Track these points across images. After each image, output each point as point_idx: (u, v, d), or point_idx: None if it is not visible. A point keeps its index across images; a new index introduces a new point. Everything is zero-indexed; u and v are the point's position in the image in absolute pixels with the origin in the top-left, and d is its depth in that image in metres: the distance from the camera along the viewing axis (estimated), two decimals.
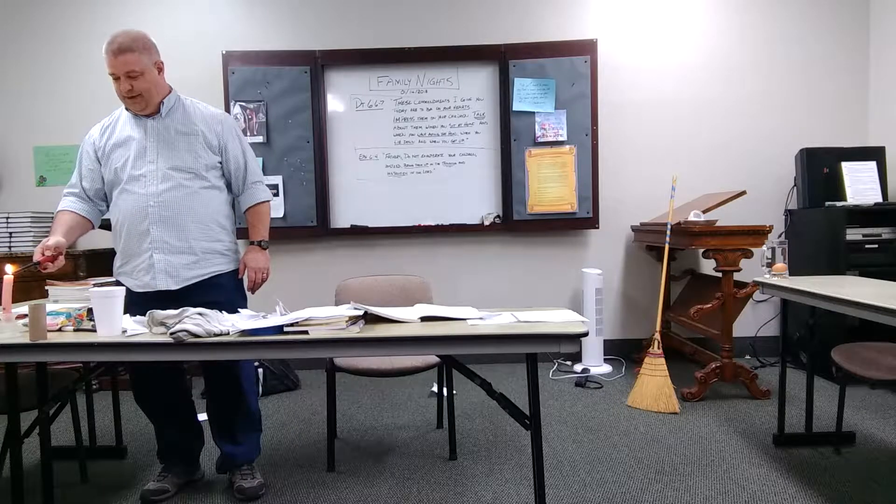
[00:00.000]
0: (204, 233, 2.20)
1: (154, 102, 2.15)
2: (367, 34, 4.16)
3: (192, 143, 2.18)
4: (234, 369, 2.28)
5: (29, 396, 1.97)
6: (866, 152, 3.83)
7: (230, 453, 2.33)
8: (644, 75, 4.18)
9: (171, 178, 2.15)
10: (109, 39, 2.05)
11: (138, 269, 2.17)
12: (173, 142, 2.17)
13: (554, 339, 1.64)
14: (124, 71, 2.05)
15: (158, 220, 2.13)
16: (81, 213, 2.23)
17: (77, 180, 2.25)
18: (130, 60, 2.04)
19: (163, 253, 2.14)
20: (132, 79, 2.06)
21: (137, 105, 2.13)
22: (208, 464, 2.56)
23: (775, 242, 2.63)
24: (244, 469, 2.31)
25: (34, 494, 2.13)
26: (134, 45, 2.05)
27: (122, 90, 2.08)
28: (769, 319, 4.22)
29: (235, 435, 2.33)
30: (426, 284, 2.90)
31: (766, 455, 2.54)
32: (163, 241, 2.14)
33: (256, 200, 2.32)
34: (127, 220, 2.16)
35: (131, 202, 2.15)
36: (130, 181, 2.15)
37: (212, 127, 2.23)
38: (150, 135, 2.16)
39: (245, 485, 2.24)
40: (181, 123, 2.20)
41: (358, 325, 1.76)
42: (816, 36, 4.14)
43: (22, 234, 3.94)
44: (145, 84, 2.09)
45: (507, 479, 2.37)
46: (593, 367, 3.90)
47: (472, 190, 4.17)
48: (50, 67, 4.20)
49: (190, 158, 2.17)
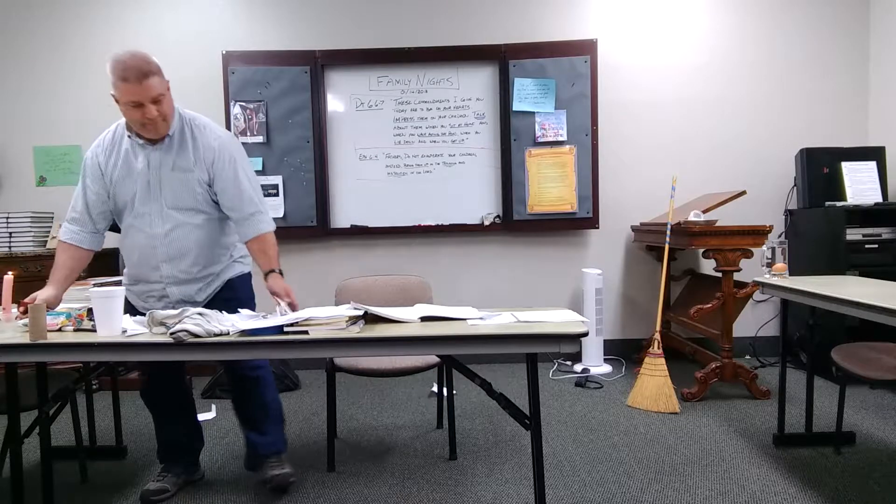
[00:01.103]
0: (212, 257, 2.22)
1: (171, 124, 2.09)
2: (367, 34, 4.16)
3: (189, 180, 2.12)
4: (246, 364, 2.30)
5: (29, 396, 1.96)
6: (866, 152, 3.83)
7: (257, 444, 2.32)
8: (644, 75, 4.18)
9: (174, 218, 2.14)
10: (122, 65, 1.95)
11: (150, 296, 2.20)
12: (173, 178, 2.11)
13: (554, 339, 1.64)
14: (150, 97, 1.96)
15: (167, 258, 2.15)
16: (84, 247, 2.20)
17: (83, 206, 2.20)
18: (155, 84, 1.96)
19: (176, 285, 2.18)
20: (157, 103, 1.98)
21: (159, 129, 2.05)
22: (208, 464, 2.56)
23: (775, 242, 2.63)
24: (273, 461, 2.31)
25: (34, 494, 2.12)
26: (152, 68, 1.97)
27: (146, 116, 1.98)
28: (769, 319, 4.22)
29: (259, 426, 2.33)
30: (426, 284, 2.90)
31: (766, 455, 2.54)
32: (174, 275, 2.17)
33: (257, 233, 2.16)
34: (137, 253, 2.19)
35: (140, 240, 2.16)
36: (137, 218, 2.15)
37: (204, 160, 2.13)
38: (152, 169, 2.11)
39: (275, 472, 2.25)
40: (180, 157, 2.12)
41: (358, 325, 1.76)
42: (816, 36, 4.14)
43: (22, 234, 3.94)
44: (168, 107, 2.04)
45: (507, 479, 2.37)
46: (593, 367, 3.90)
47: (472, 190, 4.17)
48: (50, 67, 4.20)
49: (189, 197, 2.13)
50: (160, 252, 2.15)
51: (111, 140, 2.18)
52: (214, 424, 3.08)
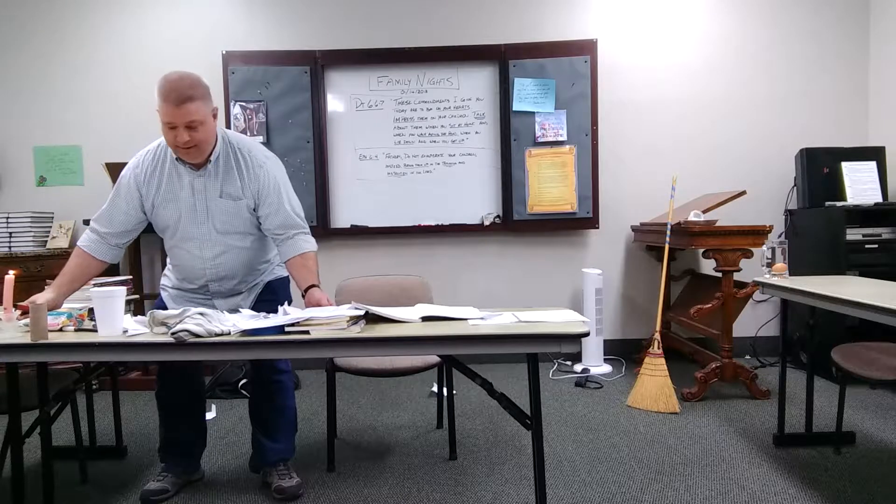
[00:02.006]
0: (255, 271, 2.28)
1: (207, 152, 2.05)
2: (367, 34, 4.16)
3: (239, 207, 2.13)
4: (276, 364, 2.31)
5: (29, 396, 1.96)
6: (866, 152, 3.84)
7: (267, 450, 2.32)
8: (644, 75, 4.18)
9: (222, 243, 2.16)
10: (167, 85, 1.91)
11: (196, 301, 2.21)
12: (221, 205, 2.12)
13: (555, 339, 1.64)
14: (185, 122, 1.92)
15: (215, 278, 2.22)
16: (98, 258, 2.15)
17: (108, 221, 2.15)
18: (192, 110, 1.91)
19: (222, 297, 2.25)
20: (191, 129, 1.93)
21: (191, 156, 2.02)
22: (208, 464, 2.56)
23: (775, 242, 2.63)
24: (280, 468, 2.30)
25: (35, 494, 2.12)
26: (195, 93, 1.92)
27: (179, 141, 1.94)
28: (769, 319, 4.22)
29: (272, 432, 2.33)
30: (426, 284, 2.90)
31: (766, 455, 2.54)
32: (220, 290, 2.24)
33: (299, 251, 2.14)
34: (183, 272, 2.24)
35: (187, 261, 2.20)
36: (184, 241, 2.17)
37: (250, 187, 2.12)
38: (197, 194, 2.10)
39: (284, 484, 2.24)
40: (227, 184, 2.10)
41: (359, 325, 1.76)
42: (816, 36, 4.14)
43: (22, 234, 3.94)
44: (204, 135, 1.97)
45: (507, 479, 2.37)
46: (593, 367, 3.90)
47: (472, 190, 4.17)
48: (50, 67, 4.20)
49: (237, 222, 2.15)
50: (208, 273, 2.20)
51: (152, 161, 2.13)
52: (214, 424, 3.08)
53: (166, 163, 2.12)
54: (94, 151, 4.19)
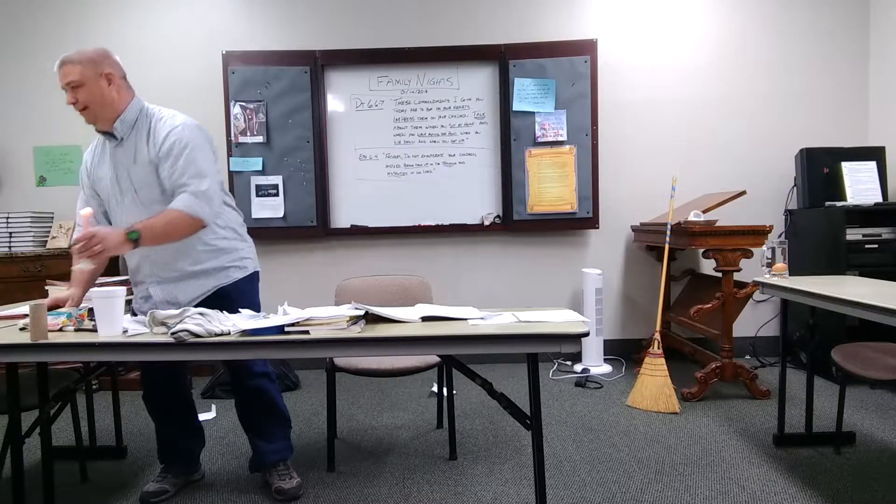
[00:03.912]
0: (191, 257, 2.16)
1: (104, 117, 2.10)
2: (367, 34, 4.16)
3: (148, 172, 2.10)
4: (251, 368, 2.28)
5: (29, 396, 1.96)
6: (866, 152, 3.83)
7: (263, 450, 2.32)
8: (644, 75, 4.18)
9: (144, 211, 2.10)
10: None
11: (139, 297, 2.23)
12: (132, 172, 2.12)
13: (555, 339, 1.64)
14: (65, 83, 2.08)
15: (143, 255, 2.16)
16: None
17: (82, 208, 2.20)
18: (68, 72, 2.07)
19: (158, 284, 2.19)
20: (74, 89, 2.08)
21: (87, 119, 2.13)
22: (208, 464, 2.56)
23: (775, 242, 2.63)
24: (280, 469, 2.30)
25: (35, 494, 2.12)
26: (76, 58, 2.06)
27: (68, 101, 2.11)
28: (769, 319, 4.22)
29: (265, 432, 2.32)
30: (426, 284, 2.90)
31: (766, 455, 2.54)
32: (154, 273, 2.19)
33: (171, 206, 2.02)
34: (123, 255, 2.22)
35: None
36: (115, 212, 2.19)
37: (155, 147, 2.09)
38: (115, 165, 2.14)
39: (284, 486, 2.24)
40: (139, 150, 2.11)
41: (359, 324, 1.76)
42: (816, 36, 4.14)
43: (22, 234, 3.94)
44: (88, 96, 2.08)
45: (507, 479, 2.37)
46: (593, 367, 3.90)
47: (472, 190, 4.17)
48: (49, 67, 4.16)
49: (153, 190, 2.11)
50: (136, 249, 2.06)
51: (95, 145, 2.24)
52: (214, 424, 3.08)
53: (99, 142, 2.23)
54: None
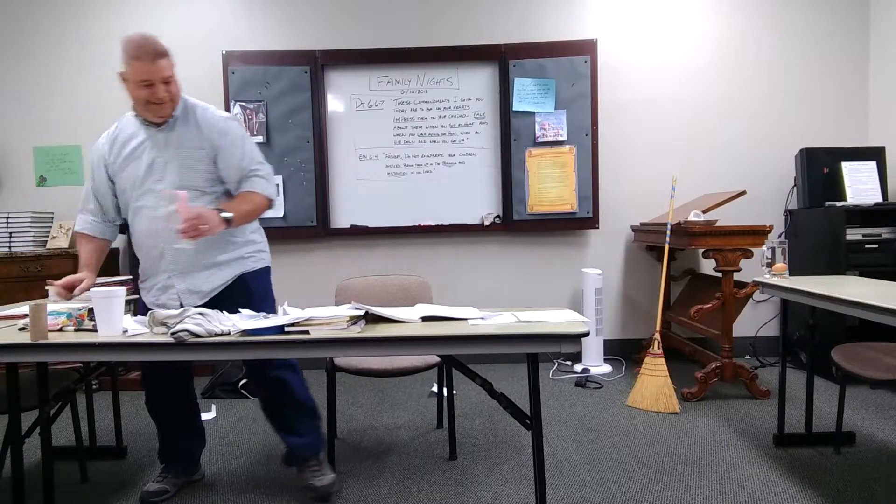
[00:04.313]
0: (217, 244, 2.18)
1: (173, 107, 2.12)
2: (367, 34, 4.16)
3: (196, 157, 2.13)
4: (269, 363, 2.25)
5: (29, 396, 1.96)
6: (866, 152, 3.84)
7: (294, 445, 2.29)
8: (644, 75, 4.18)
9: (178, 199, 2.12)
10: (135, 45, 1.98)
11: (156, 288, 2.19)
12: (178, 157, 2.12)
13: (555, 339, 1.64)
14: (161, 77, 2.00)
15: (171, 242, 2.14)
16: (98, 236, 2.26)
17: (90, 198, 2.24)
18: (165, 66, 2.01)
19: (180, 274, 2.17)
20: (167, 84, 2.03)
21: (164, 111, 2.08)
22: (208, 464, 2.56)
23: (775, 242, 2.63)
24: (312, 464, 2.27)
25: (35, 494, 2.12)
26: (164, 50, 2.01)
27: (155, 95, 2.02)
28: (769, 319, 4.22)
29: (291, 427, 2.29)
30: (426, 284, 2.90)
31: (766, 455, 2.54)
32: (178, 261, 2.16)
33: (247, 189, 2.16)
34: (143, 241, 2.19)
35: (145, 225, 2.16)
36: (142, 199, 2.15)
37: (210, 137, 2.14)
38: (157, 148, 2.12)
39: (316, 483, 2.22)
40: (186, 136, 2.13)
41: (359, 325, 1.76)
42: (816, 36, 4.14)
43: (22, 234, 3.94)
44: (176, 90, 2.08)
45: (507, 479, 2.37)
46: (593, 367, 3.90)
47: (472, 190, 4.17)
48: (49, 67, 4.20)
49: (195, 176, 2.13)
50: (164, 235, 2.12)
51: (114, 130, 2.20)
52: (214, 424, 3.08)
53: (128, 127, 2.17)
54: None
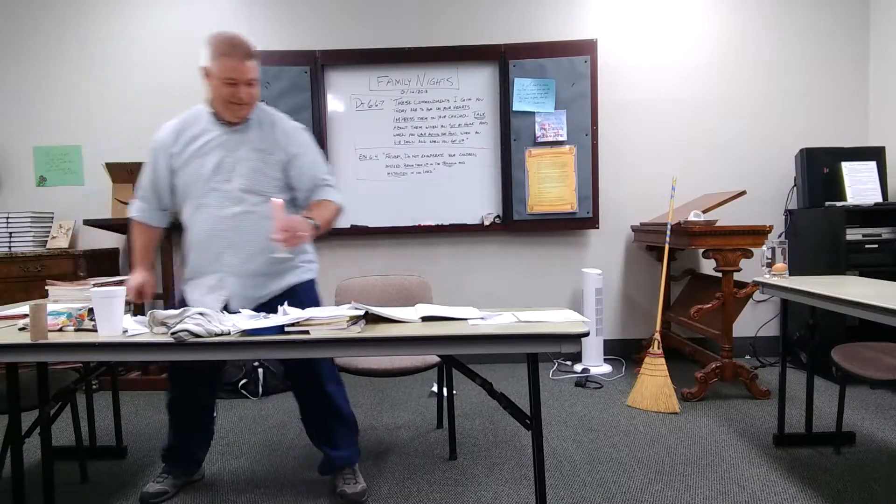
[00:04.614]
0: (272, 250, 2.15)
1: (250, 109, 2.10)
2: (367, 34, 4.16)
3: (267, 162, 2.12)
4: (314, 371, 2.23)
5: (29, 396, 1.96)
6: (866, 152, 3.84)
7: (332, 457, 2.28)
8: (644, 75, 4.18)
9: (244, 201, 2.11)
10: (227, 42, 1.97)
11: (205, 286, 2.16)
12: (249, 160, 2.11)
13: (555, 339, 1.64)
14: (248, 78, 1.99)
15: (230, 244, 2.13)
16: (153, 224, 2.28)
17: (148, 183, 2.22)
18: (252, 67, 2.00)
19: (234, 276, 2.14)
20: (250, 86, 2.02)
21: (243, 112, 2.07)
22: (208, 464, 2.56)
23: (775, 242, 2.63)
24: (346, 473, 2.26)
25: (34, 494, 2.13)
26: (254, 52, 2.00)
27: (237, 95, 2.00)
28: (769, 319, 4.22)
29: (333, 439, 2.28)
30: (426, 284, 2.90)
31: (766, 455, 2.54)
32: (234, 264, 2.14)
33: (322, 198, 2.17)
34: (201, 239, 2.16)
35: (206, 223, 2.14)
36: (204, 197, 2.12)
37: (282, 143, 2.14)
38: (227, 148, 2.10)
39: (348, 490, 2.21)
40: (259, 139, 2.12)
41: (359, 325, 1.76)
42: (816, 36, 4.14)
43: (22, 234, 3.94)
44: (258, 91, 2.07)
45: (507, 479, 2.37)
46: (593, 367, 3.90)
47: (472, 190, 4.17)
48: (50, 67, 4.20)
49: (264, 181, 2.12)
50: (225, 236, 2.11)
51: (181, 122, 2.17)
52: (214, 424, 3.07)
53: (199, 121, 2.14)
54: (94, 151, 4.19)
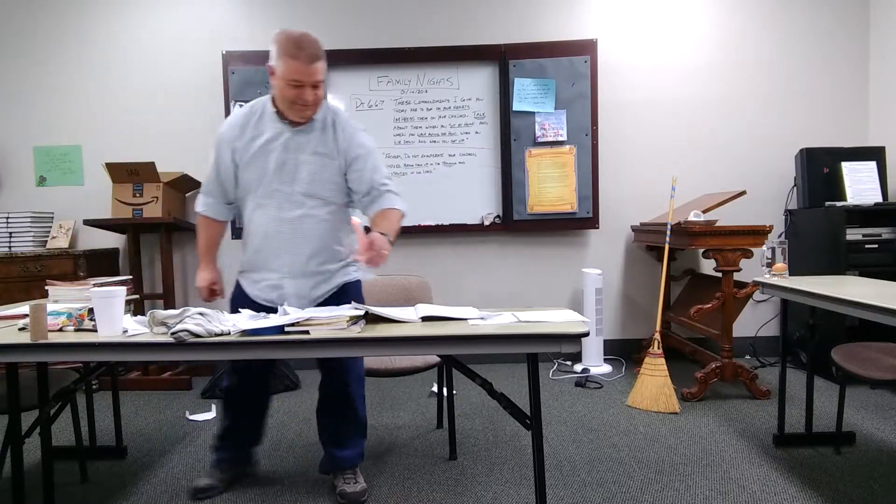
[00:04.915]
0: (331, 253, 2.19)
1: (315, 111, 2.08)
2: (367, 34, 4.16)
3: (328, 166, 2.11)
4: (344, 375, 2.25)
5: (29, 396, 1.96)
6: (866, 152, 3.84)
7: (336, 456, 2.29)
8: (644, 75, 4.18)
9: (304, 205, 2.12)
10: (294, 43, 1.93)
11: (265, 284, 2.19)
12: (311, 163, 2.10)
13: (555, 339, 1.64)
14: (314, 80, 1.96)
15: (289, 246, 2.13)
16: (219, 219, 2.29)
17: (214, 177, 2.21)
18: (320, 69, 1.96)
19: (292, 278, 2.16)
20: (316, 88, 1.98)
21: (305, 113, 2.04)
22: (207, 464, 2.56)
23: (775, 242, 2.63)
24: (347, 473, 2.27)
25: (35, 494, 2.13)
26: (321, 53, 1.96)
27: (302, 97, 1.98)
28: (769, 319, 4.22)
29: (342, 438, 2.29)
30: (426, 284, 2.90)
31: (766, 455, 2.54)
32: (292, 266, 2.15)
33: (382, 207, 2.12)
34: (259, 237, 2.17)
35: (265, 223, 2.14)
36: (265, 197, 2.12)
37: (342, 145, 2.12)
38: (290, 150, 2.09)
39: (348, 489, 2.20)
40: (321, 142, 2.11)
41: (359, 325, 1.76)
42: (817, 36, 4.14)
43: (22, 234, 3.94)
44: (323, 93, 2.04)
45: (507, 479, 2.37)
46: (593, 367, 3.90)
47: (472, 190, 4.17)
48: (50, 67, 4.20)
49: (323, 185, 2.12)
50: (285, 238, 2.13)
51: (246, 115, 2.14)
52: (215, 424, 3.08)
53: (263, 119, 2.11)
54: (94, 151, 4.19)
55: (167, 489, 2.34)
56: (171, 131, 4.17)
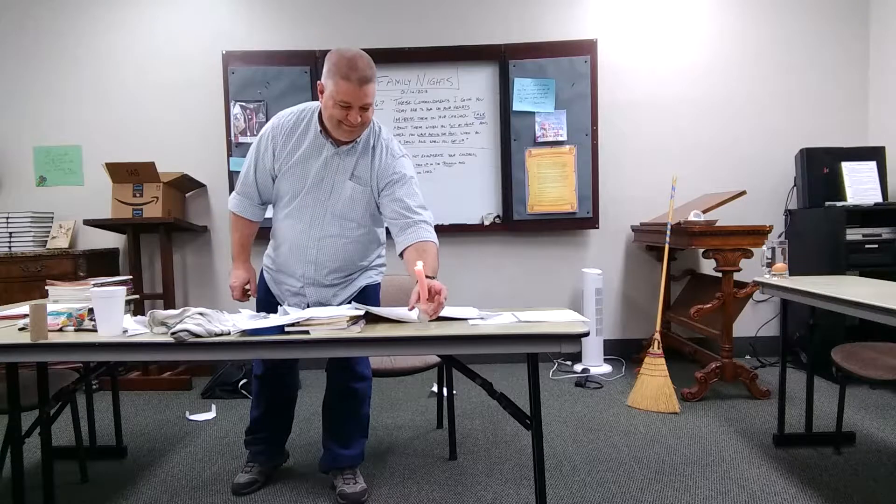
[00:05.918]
0: (352, 266, 2.21)
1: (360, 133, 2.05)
2: (367, 34, 4.15)
3: (362, 192, 2.10)
4: (354, 375, 2.27)
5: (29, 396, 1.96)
6: (866, 152, 3.83)
7: (337, 454, 2.29)
8: (644, 75, 4.18)
9: (335, 225, 2.12)
10: (348, 64, 1.87)
11: (288, 289, 2.22)
12: (346, 186, 2.08)
13: (555, 339, 1.64)
14: (364, 103, 1.91)
15: (315, 262, 2.15)
16: (253, 219, 2.28)
17: (252, 179, 2.18)
18: (370, 92, 1.91)
19: (314, 287, 2.18)
20: (364, 110, 1.93)
21: (353, 135, 2.01)
22: (208, 464, 2.56)
23: (775, 242, 2.63)
24: (346, 473, 2.27)
25: (35, 494, 2.12)
26: (373, 75, 1.91)
27: (349, 119, 1.93)
28: (769, 319, 4.22)
29: (345, 438, 2.29)
30: None
31: (766, 455, 2.54)
32: (315, 278, 2.17)
33: (417, 239, 2.04)
34: (286, 244, 2.18)
35: (293, 236, 2.15)
36: (299, 210, 2.12)
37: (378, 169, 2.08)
38: (329, 170, 2.07)
39: (348, 489, 2.21)
40: (360, 166, 2.08)
41: (359, 324, 1.76)
42: (817, 36, 4.14)
43: (22, 234, 3.94)
44: (371, 115, 1.99)
45: (507, 479, 2.37)
46: (593, 367, 3.90)
47: (472, 190, 4.17)
48: (50, 67, 4.19)
49: (356, 209, 2.12)
50: (310, 254, 2.14)
51: (294, 123, 2.10)
52: (215, 424, 3.08)
53: (308, 130, 2.08)
54: (94, 151, 4.19)
55: (167, 489, 2.34)
56: (172, 131, 4.17)
